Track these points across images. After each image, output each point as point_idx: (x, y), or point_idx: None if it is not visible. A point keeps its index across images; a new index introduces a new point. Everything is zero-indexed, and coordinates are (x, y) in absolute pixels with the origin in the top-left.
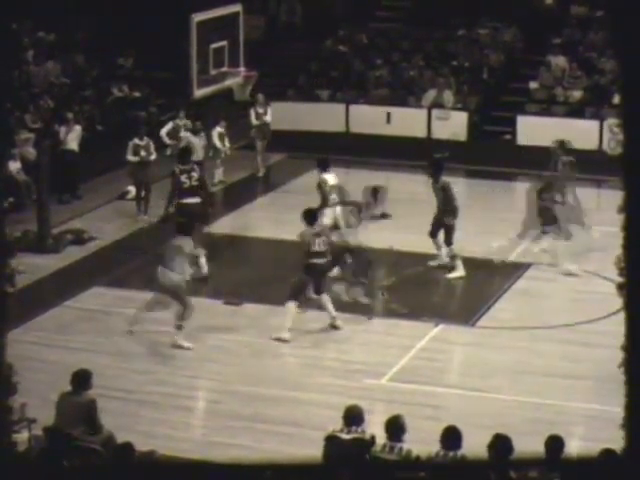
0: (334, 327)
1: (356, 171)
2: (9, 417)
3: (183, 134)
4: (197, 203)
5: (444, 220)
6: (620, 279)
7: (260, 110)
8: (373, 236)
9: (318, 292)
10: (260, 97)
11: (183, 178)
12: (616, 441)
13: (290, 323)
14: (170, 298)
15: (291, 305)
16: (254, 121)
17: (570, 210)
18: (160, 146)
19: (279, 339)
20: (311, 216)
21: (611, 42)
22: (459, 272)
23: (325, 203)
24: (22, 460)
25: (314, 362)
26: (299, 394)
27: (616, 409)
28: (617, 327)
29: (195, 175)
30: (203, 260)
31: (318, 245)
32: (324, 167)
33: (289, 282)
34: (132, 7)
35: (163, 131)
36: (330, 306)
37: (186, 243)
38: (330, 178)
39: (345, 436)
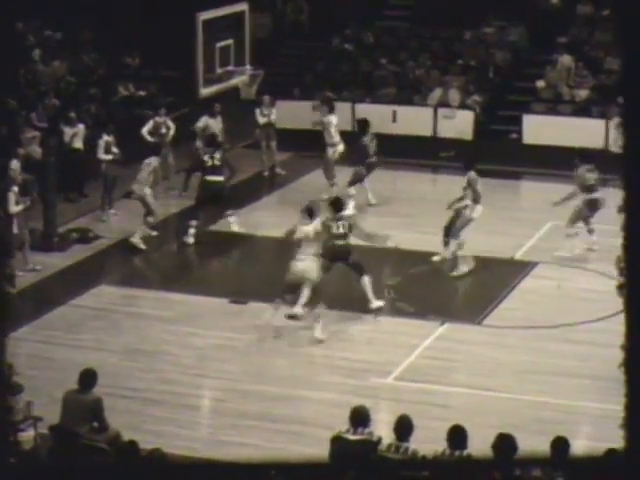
0: (372, 311)
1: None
2: (9, 417)
3: (203, 118)
4: (220, 181)
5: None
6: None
7: (265, 112)
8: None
9: (359, 274)
10: (266, 98)
11: (206, 157)
12: (622, 440)
13: (305, 300)
14: None
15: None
16: (261, 120)
17: None
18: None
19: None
20: (338, 204)
21: (615, 41)
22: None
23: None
24: (28, 458)
25: (321, 361)
26: (306, 393)
27: (622, 408)
28: (621, 326)
29: (218, 155)
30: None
31: (338, 228)
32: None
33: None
34: (138, 6)
35: (144, 130)
36: (369, 289)
37: None
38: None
39: (351, 437)
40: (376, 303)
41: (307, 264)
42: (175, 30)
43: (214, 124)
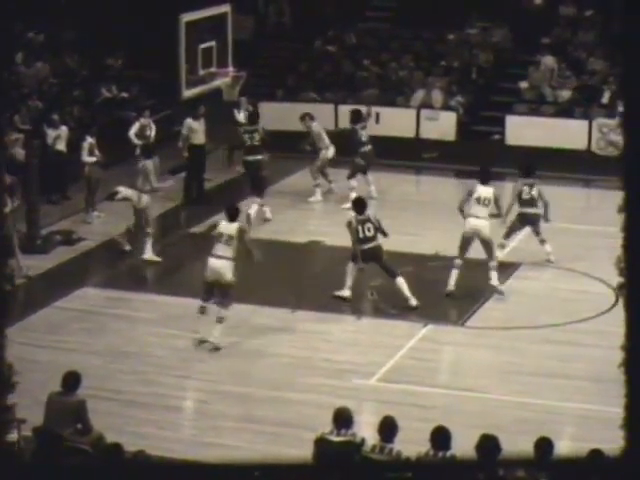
0: (411, 307)
1: (345, 171)
2: (8, 416)
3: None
4: (258, 160)
5: None
6: (618, 279)
7: (242, 113)
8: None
9: (391, 276)
10: (243, 100)
11: (246, 137)
12: (606, 440)
13: (350, 282)
14: None
15: (350, 265)
16: (242, 120)
17: None
18: (129, 146)
19: (339, 297)
20: (360, 205)
21: (613, 41)
22: None
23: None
24: (13, 460)
25: (303, 362)
26: (289, 394)
27: (605, 408)
28: (606, 327)
29: (257, 136)
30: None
31: (365, 231)
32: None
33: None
34: (121, 7)
35: (131, 132)
36: (404, 288)
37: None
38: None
39: (335, 438)
40: (414, 301)
41: (224, 264)
42: (158, 32)
43: (197, 126)
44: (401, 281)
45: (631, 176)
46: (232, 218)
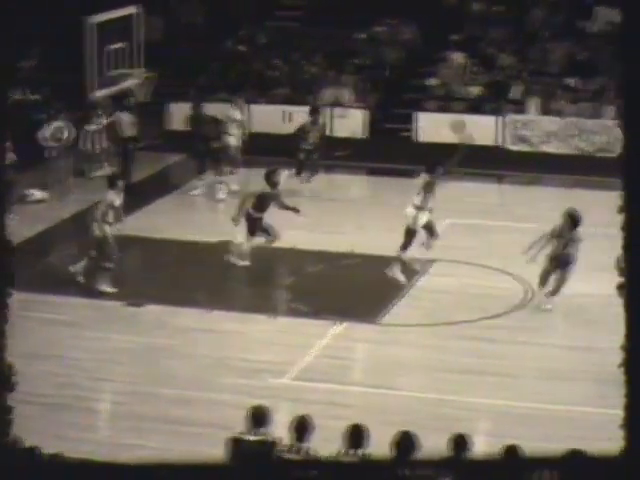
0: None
1: (256, 170)
2: (8, 417)
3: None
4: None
5: None
6: (618, 279)
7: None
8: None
9: None
10: (131, 100)
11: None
12: (520, 437)
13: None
14: None
15: None
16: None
17: None
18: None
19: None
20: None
21: (525, 37)
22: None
23: None
24: None
25: (218, 362)
26: (204, 394)
27: (521, 404)
28: (518, 323)
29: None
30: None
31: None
32: None
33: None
34: (34, 8)
35: (43, 134)
36: None
37: None
38: None
39: (250, 438)
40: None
41: None
42: (69, 33)
43: (125, 118)
44: None
45: (631, 176)
46: None
